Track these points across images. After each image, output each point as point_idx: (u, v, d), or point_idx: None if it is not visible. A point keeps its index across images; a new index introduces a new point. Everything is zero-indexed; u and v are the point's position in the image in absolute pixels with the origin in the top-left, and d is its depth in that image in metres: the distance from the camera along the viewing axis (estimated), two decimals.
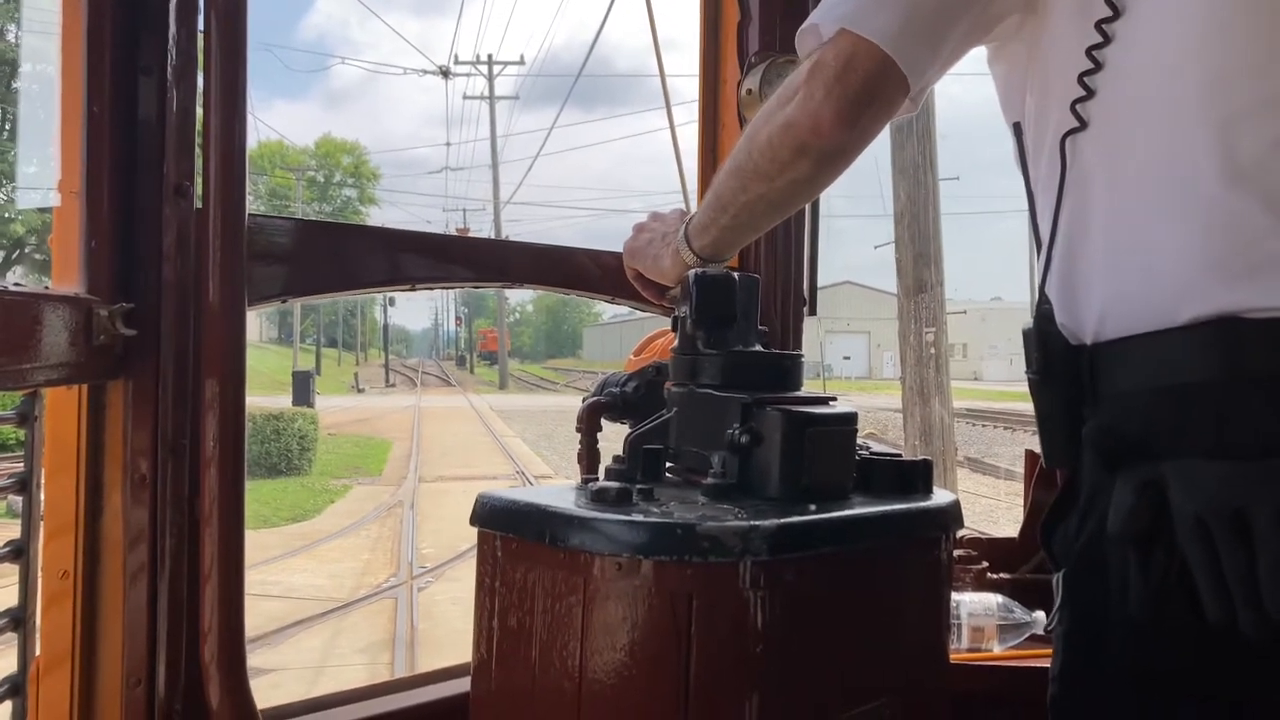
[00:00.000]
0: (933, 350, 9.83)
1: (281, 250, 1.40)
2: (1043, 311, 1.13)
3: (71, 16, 1.21)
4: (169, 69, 1.24)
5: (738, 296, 1.41)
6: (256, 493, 13.69)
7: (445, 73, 44.22)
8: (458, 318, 77.85)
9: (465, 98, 51.85)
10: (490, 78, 47.04)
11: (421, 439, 20.80)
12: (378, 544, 11.34)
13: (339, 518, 13.00)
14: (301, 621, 7.82)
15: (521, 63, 49.09)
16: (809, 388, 1.50)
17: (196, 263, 1.26)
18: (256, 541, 10.33)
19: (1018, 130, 1.16)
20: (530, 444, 19.15)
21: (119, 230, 1.23)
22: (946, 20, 1.12)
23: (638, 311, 2.11)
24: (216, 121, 1.25)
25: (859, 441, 1.45)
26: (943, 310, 10.19)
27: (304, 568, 10.14)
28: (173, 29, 1.24)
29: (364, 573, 9.96)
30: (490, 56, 47.83)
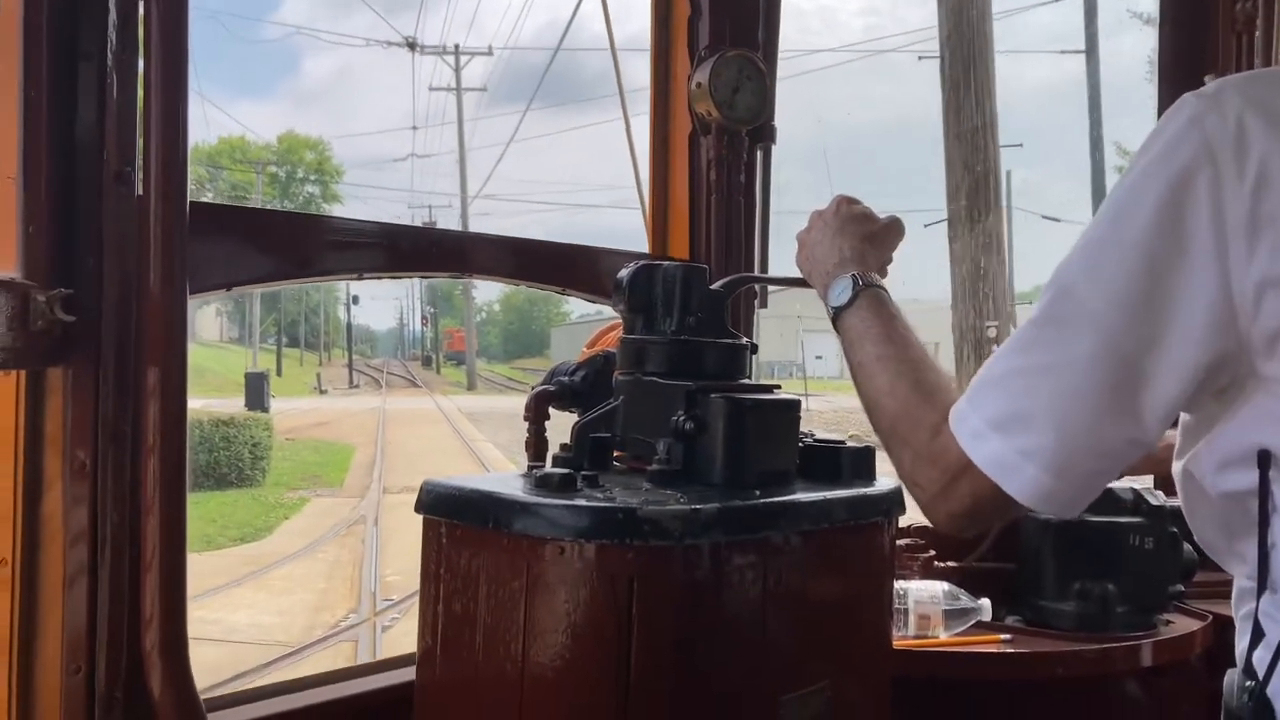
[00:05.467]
0: (995, 347, 8.73)
1: (225, 238, 1.39)
2: (1256, 697, 0.97)
3: (8, 1, 1.21)
4: (109, 54, 1.23)
5: (677, 287, 1.42)
6: (202, 508, 12.30)
7: (411, 45, 43.01)
8: (424, 317, 77.22)
9: (431, 89, 50.73)
10: (457, 69, 46.39)
11: (386, 444, 19.28)
12: (335, 570, 9.99)
13: (292, 537, 11.57)
14: (242, 674, 6.11)
15: (489, 53, 48.16)
16: (789, 388, 1.50)
17: (137, 249, 1.26)
18: (198, 567, 8.58)
19: (1264, 459, 0.97)
20: (502, 449, 17.72)
21: (57, 216, 1.22)
22: (1106, 464, 0.99)
23: (606, 310, 2.12)
24: (157, 107, 1.25)
25: (802, 430, 1.47)
26: (1005, 300, 8.71)
27: (249, 601, 8.75)
28: (112, 14, 1.23)
29: (318, 608, 8.61)
30: (457, 46, 47.00)
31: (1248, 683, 0.98)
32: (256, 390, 22.79)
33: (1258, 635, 0.98)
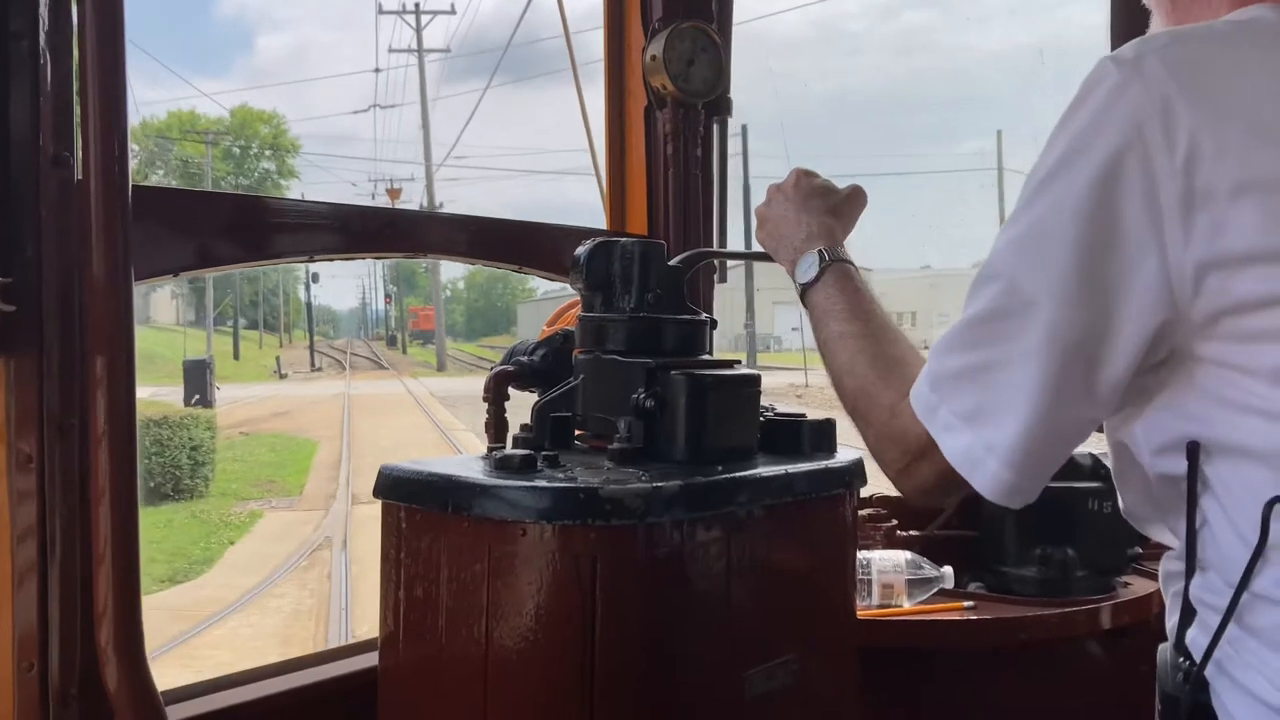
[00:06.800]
0: None
1: (170, 222, 1.36)
2: (1193, 678, 0.96)
3: None
4: (40, 34, 1.19)
5: (635, 263, 1.41)
6: None
7: None
8: (387, 296, 76.42)
9: (391, 50, 49.01)
10: (419, 29, 45.10)
11: (353, 438, 16.80)
12: (294, 624, 7.50)
13: (237, 573, 9.16)
14: None
15: (452, 12, 46.67)
16: (784, 362, 1.49)
17: (79, 235, 1.22)
18: None
19: (1193, 450, 0.95)
20: (483, 438, 14.53)
21: None
22: (1064, 447, 0.98)
23: (570, 286, 2.11)
24: (94, 88, 1.20)
25: (764, 404, 1.47)
26: None
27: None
28: None
29: None
30: (418, 5, 45.43)
31: (1181, 660, 0.98)
32: (197, 381, 19.43)
33: (1188, 614, 0.98)
